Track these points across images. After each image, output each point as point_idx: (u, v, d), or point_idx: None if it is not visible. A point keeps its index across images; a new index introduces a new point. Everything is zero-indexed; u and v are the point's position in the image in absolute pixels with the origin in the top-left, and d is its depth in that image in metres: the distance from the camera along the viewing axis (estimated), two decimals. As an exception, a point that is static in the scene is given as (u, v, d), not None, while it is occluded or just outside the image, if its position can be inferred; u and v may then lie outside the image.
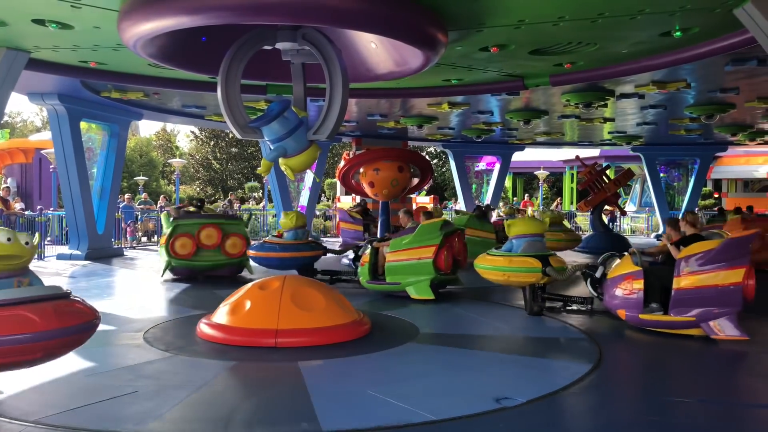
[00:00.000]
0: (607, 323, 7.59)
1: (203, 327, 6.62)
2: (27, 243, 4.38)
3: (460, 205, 22.77)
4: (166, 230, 10.79)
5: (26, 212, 16.08)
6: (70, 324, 4.22)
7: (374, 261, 9.36)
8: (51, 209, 18.72)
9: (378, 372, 5.59)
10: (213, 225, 10.95)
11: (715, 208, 20.09)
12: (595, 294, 7.86)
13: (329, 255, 11.52)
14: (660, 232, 21.88)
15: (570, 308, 8.20)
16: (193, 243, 10.63)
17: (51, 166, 21.04)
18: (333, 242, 16.59)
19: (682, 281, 6.69)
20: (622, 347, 6.83)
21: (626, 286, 7.11)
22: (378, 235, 13.02)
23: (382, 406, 4.57)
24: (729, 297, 6.49)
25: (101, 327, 7.09)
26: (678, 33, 7.33)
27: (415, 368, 5.68)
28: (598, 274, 7.77)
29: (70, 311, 4.29)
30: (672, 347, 6.51)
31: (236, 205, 23.81)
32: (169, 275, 10.92)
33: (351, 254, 11.16)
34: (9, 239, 4.25)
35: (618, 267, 7.46)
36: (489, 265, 8.27)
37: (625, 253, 7.54)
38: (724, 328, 6.56)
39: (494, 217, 16.75)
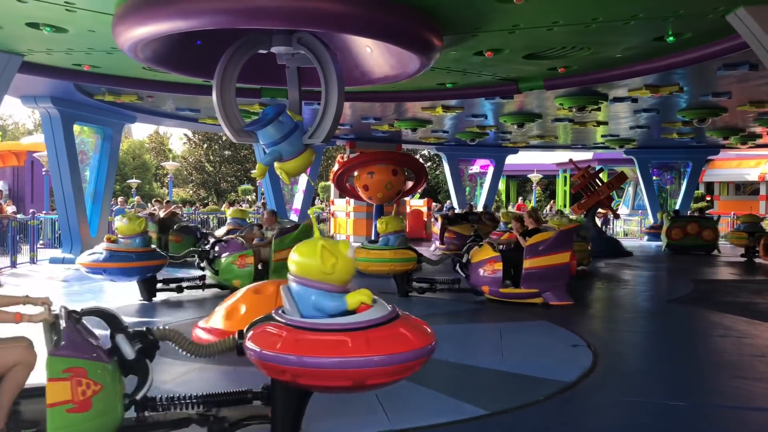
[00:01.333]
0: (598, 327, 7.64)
1: (199, 332, 6.60)
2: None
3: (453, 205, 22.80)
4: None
5: (18, 216, 15.99)
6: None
7: None
8: (43, 212, 18.62)
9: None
10: None
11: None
12: (463, 275, 9.38)
13: None
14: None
15: (440, 288, 9.62)
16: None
17: (43, 169, 20.96)
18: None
19: (528, 263, 8.80)
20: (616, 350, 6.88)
21: (489, 267, 8.98)
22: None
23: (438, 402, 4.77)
24: (560, 273, 8.86)
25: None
26: (671, 38, 7.38)
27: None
28: (464, 260, 9.32)
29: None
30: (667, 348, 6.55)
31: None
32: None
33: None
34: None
35: (480, 253, 9.19)
36: (374, 258, 9.63)
37: (483, 242, 9.52)
38: (558, 297, 8.83)
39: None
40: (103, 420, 3.29)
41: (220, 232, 13.18)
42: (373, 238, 13.38)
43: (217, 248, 9.47)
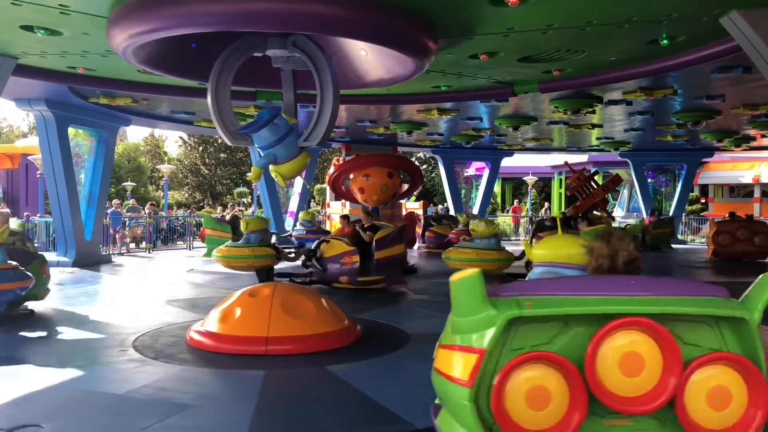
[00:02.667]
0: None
1: (193, 335, 6.59)
2: None
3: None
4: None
5: (13, 218, 15.93)
6: None
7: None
8: (38, 215, 18.56)
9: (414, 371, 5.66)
10: None
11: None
12: (319, 267, 10.22)
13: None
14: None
15: (296, 281, 10.11)
16: None
17: (38, 172, 20.88)
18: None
19: (378, 254, 10.02)
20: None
21: (347, 260, 9.98)
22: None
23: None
24: (399, 261, 10.50)
25: (90, 335, 7.05)
26: (665, 41, 7.41)
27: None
28: (318, 255, 10.25)
29: None
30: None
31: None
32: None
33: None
34: None
35: (333, 248, 10.18)
36: (234, 255, 10.81)
37: (331, 239, 10.52)
38: (397, 281, 10.32)
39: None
40: None
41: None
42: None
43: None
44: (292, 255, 11.62)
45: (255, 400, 4.85)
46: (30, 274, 7.66)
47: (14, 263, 7.53)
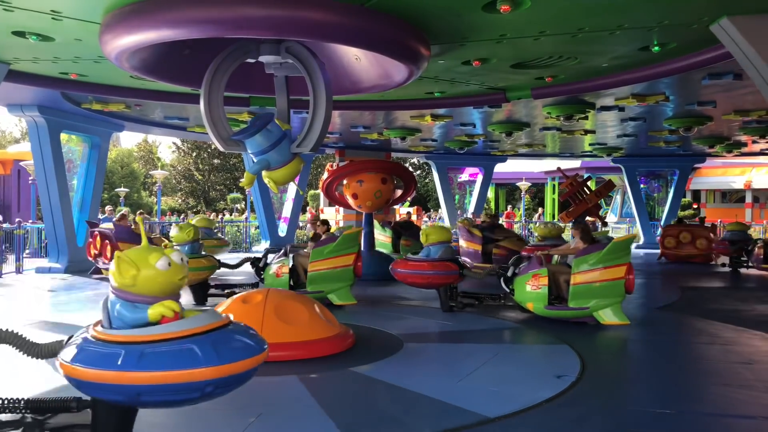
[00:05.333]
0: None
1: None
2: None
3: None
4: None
5: (4, 225, 15.83)
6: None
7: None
8: (30, 222, 18.46)
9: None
10: None
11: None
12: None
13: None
14: (641, 242, 22.13)
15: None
16: None
17: (30, 178, 20.78)
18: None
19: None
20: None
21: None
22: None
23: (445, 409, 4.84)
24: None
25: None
26: (656, 48, 7.45)
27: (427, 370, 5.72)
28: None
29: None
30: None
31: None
32: None
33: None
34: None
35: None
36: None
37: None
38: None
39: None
40: None
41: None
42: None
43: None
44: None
45: (317, 404, 4.96)
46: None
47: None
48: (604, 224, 19.99)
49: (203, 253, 9.90)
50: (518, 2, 5.88)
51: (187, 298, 9.28)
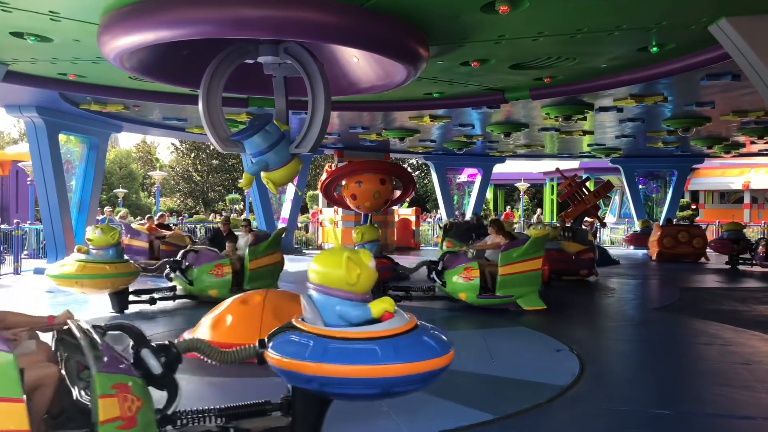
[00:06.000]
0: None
1: (184, 342, 6.54)
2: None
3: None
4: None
5: (2, 226, 15.81)
6: None
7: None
8: (28, 222, 18.43)
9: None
10: None
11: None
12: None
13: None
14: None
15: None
16: None
17: (28, 179, 20.77)
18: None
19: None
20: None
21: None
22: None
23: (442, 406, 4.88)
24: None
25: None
26: (655, 48, 7.45)
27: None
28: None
29: None
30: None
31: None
32: None
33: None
34: None
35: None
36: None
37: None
38: None
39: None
40: None
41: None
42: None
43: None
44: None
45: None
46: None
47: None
48: (603, 225, 20.04)
49: (125, 257, 9.11)
50: (517, 3, 5.88)
51: (106, 307, 8.99)
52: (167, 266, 9.59)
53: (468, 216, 21.73)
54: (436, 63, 8.28)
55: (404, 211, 23.48)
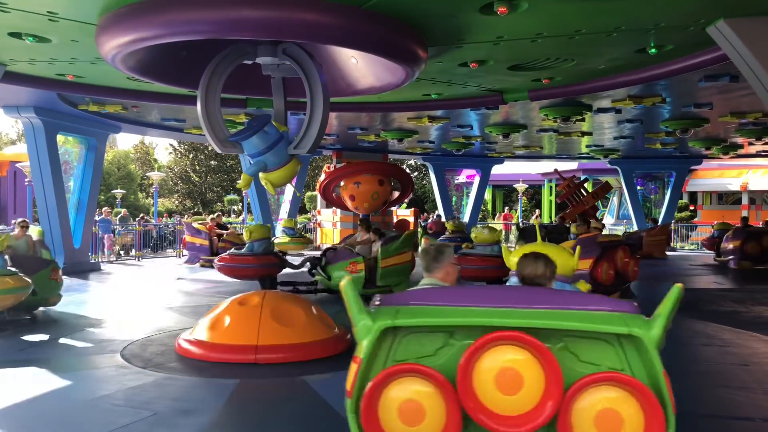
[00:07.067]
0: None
1: (182, 343, 6.54)
2: None
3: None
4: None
5: (0, 226, 15.79)
6: None
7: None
8: (26, 223, 18.37)
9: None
10: None
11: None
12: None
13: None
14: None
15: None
16: None
17: (26, 180, 20.76)
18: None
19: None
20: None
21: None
22: None
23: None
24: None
25: (79, 343, 7.00)
26: (653, 50, 7.46)
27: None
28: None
29: None
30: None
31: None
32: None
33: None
34: None
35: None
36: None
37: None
38: None
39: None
40: None
41: None
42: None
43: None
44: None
45: (218, 409, 4.90)
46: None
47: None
48: (602, 226, 20.09)
49: (13, 269, 7.61)
50: (515, 4, 5.87)
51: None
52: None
53: (466, 218, 21.76)
54: (434, 64, 8.28)
55: (403, 212, 23.48)
